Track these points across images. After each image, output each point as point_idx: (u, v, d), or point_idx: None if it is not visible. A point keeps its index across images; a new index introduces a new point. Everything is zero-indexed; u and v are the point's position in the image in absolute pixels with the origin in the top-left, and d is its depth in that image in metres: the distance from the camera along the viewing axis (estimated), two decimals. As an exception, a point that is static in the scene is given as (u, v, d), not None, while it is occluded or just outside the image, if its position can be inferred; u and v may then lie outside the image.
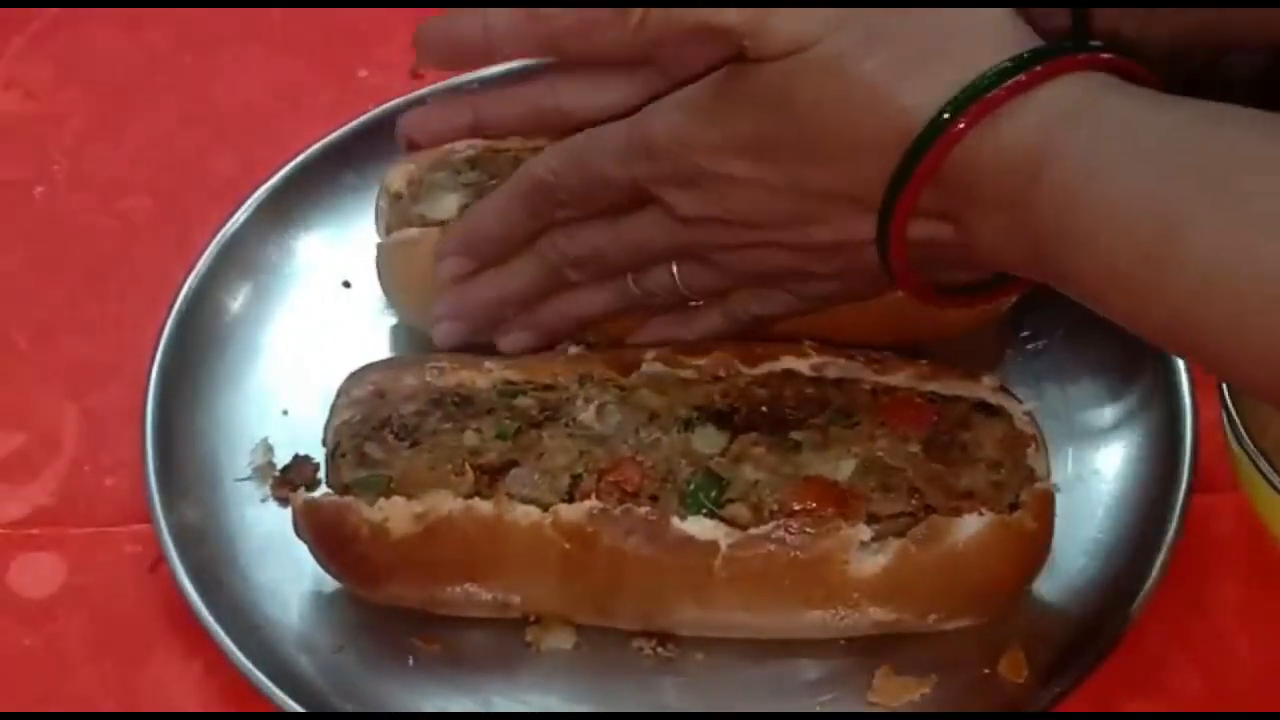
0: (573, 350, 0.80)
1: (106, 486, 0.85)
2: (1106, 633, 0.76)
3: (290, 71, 1.01)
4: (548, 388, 0.78)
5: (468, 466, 0.75)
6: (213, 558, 0.80)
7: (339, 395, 0.79)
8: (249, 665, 0.75)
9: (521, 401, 0.77)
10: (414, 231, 0.83)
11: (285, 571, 0.80)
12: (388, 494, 0.75)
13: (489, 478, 0.75)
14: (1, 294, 0.92)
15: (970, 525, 0.73)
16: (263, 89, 1.01)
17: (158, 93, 1.01)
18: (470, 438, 0.76)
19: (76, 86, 1.02)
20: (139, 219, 0.95)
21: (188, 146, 0.98)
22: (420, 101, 0.94)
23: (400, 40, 1.00)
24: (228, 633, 0.76)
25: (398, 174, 0.85)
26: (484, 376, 0.79)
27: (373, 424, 0.77)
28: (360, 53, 1.01)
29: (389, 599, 0.77)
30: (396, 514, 0.74)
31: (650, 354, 0.79)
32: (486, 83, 0.95)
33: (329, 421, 0.79)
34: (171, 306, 0.87)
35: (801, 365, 0.78)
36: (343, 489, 0.76)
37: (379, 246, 0.85)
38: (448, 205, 0.84)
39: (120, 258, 0.93)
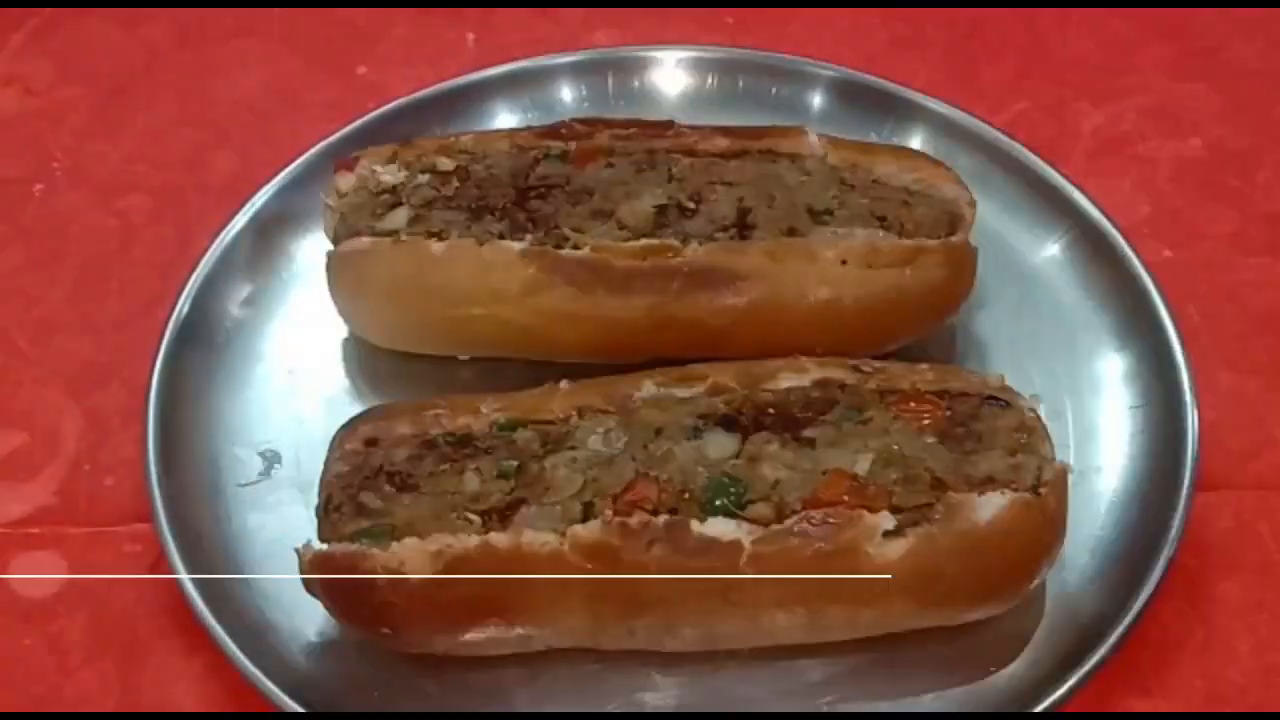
0: (564, 385, 0.80)
1: (106, 486, 0.85)
2: (1110, 634, 0.77)
3: (289, 69, 1.02)
4: (546, 423, 0.78)
5: (473, 515, 0.75)
6: (213, 559, 0.81)
7: (331, 449, 0.79)
8: (249, 665, 0.76)
9: (521, 435, 0.77)
10: (364, 242, 0.84)
11: (285, 571, 0.80)
12: (397, 539, 0.74)
13: (498, 518, 0.75)
14: (1, 293, 0.93)
15: (992, 504, 0.74)
16: (262, 87, 1.01)
17: (157, 90, 1.02)
18: (470, 481, 0.76)
19: (76, 84, 1.03)
20: (138, 218, 0.96)
21: (187, 144, 0.99)
22: (423, 104, 0.95)
23: (399, 37, 1.01)
24: (228, 633, 0.77)
25: (346, 181, 0.86)
26: (479, 420, 0.78)
27: (365, 474, 0.77)
28: (360, 50, 1.01)
29: (414, 647, 0.77)
30: (411, 556, 0.74)
31: (646, 382, 0.79)
32: (485, 83, 0.96)
33: (322, 476, 0.78)
34: (172, 310, 0.87)
35: (802, 380, 0.78)
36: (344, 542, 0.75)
37: (329, 255, 0.86)
38: (397, 217, 0.85)
39: (120, 256, 0.94)
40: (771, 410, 0.77)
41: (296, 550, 0.76)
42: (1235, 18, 1.04)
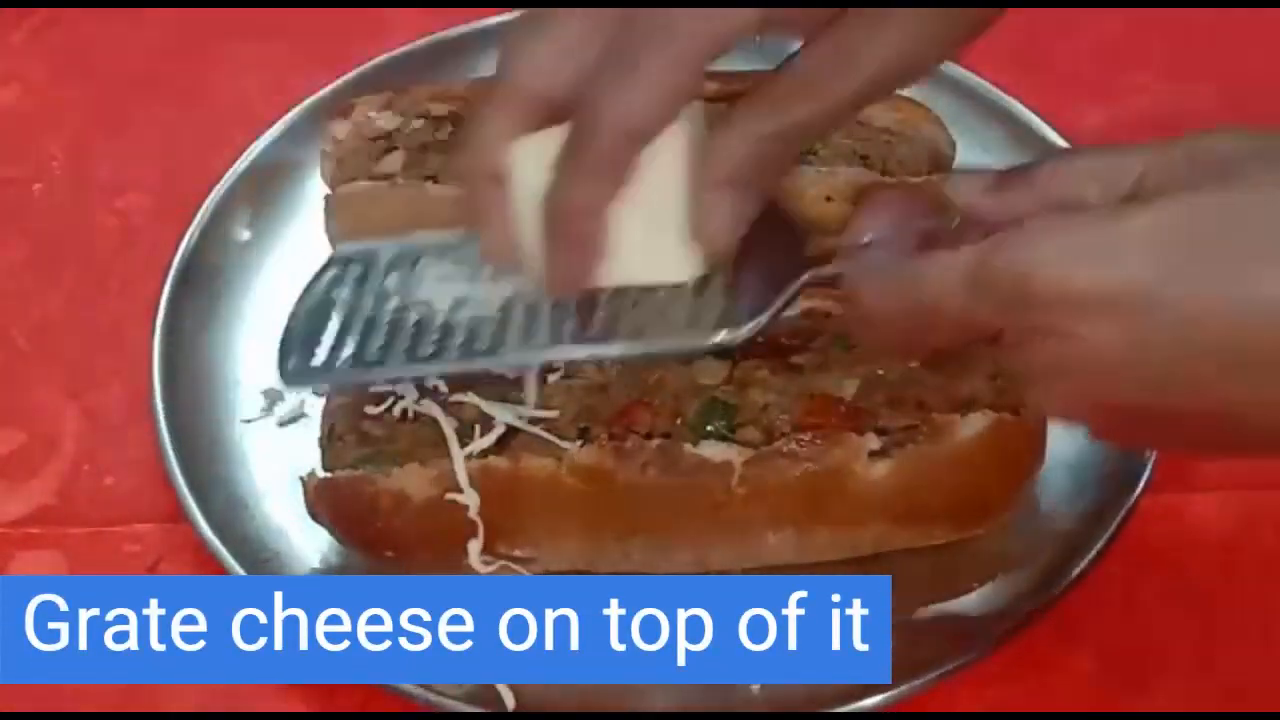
0: None
1: (106, 486, 0.88)
2: (1089, 550, 0.79)
3: (289, 68, 1.03)
4: None
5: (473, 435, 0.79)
6: (217, 492, 0.83)
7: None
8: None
9: None
10: (361, 185, 0.87)
11: (290, 502, 0.81)
12: (399, 465, 0.78)
13: (497, 444, 0.78)
14: (1, 293, 0.95)
15: (975, 424, 0.77)
16: (261, 86, 1.03)
17: (156, 89, 1.05)
18: (469, 408, 0.79)
19: (75, 83, 1.06)
20: (138, 217, 0.99)
21: (187, 143, 1.01)
22: (414, 55, 0.98)
23: (399, 37, 1.01)
24: (235, 558, 0.79)
25: (341, 127, 0.89)
26: None
27: (367, 404, 0.80)
28: (359, 49, 1.02)
29: (417, 570, 0.80)
30: (413, 481, 0.77)
31: None
32: (477, 34, 1.00)
33: (325, 408, 0.81)
34: (172, 256, 0.90)
35: (789, 310, 0.80)
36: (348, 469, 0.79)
37: (326, 199, 0.89)
38: (392, 161, 0.88)
39: (120, 256, 0.97)
40: (760, 338, 0.80)
41: (302, 479, 0.79)
42: (1235, 18, 1.05)
